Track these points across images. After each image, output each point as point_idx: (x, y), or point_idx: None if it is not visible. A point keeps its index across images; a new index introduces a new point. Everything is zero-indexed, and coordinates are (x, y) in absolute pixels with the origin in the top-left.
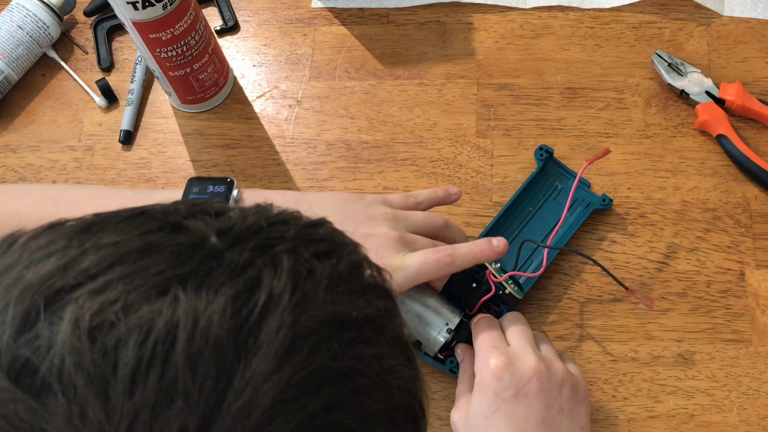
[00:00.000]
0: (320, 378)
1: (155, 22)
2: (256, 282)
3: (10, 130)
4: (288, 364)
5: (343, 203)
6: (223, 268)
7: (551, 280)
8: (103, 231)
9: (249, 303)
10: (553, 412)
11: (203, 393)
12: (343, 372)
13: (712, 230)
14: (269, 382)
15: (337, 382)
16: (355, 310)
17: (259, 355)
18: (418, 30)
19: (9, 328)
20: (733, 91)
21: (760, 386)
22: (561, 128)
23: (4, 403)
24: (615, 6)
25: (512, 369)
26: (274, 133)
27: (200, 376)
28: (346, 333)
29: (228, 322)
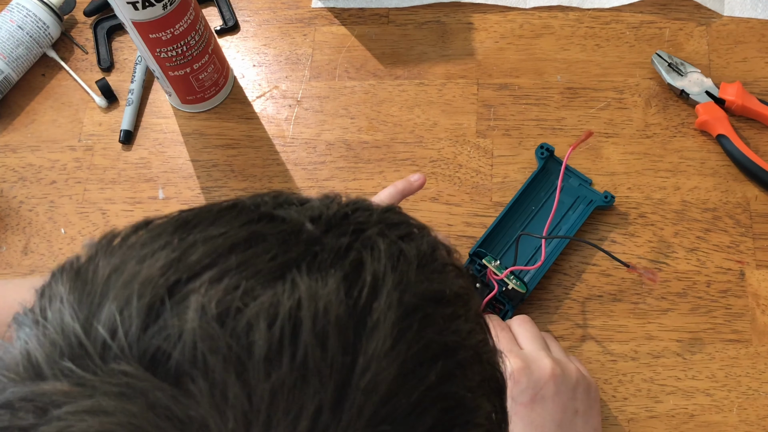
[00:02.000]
0: (432, 351)
1: (155, 22)
2: (360, 264)
3: (10, 130)
4: (403, 339)
5: None
6: (326, 253)
7: (551, 280)
8: (202, 224)
9: (358, 284)
10: (569, 414)
11: (333, 370)
12: (449, 345)
13: (712, 230)
14: (390, 357)
15: (446, 355)
16: (447, 287)
17: (377, 332)
18: (418, 30)
19: (136, 320)
20: (733, 91)
21: (760, 386)
22: (561, 128)
23: (145, 393)
24: (615, 6)
25: (528, 372)
26: (274, 133)
27: (329, 353)
28: (444, 309)
29: (344, 302)
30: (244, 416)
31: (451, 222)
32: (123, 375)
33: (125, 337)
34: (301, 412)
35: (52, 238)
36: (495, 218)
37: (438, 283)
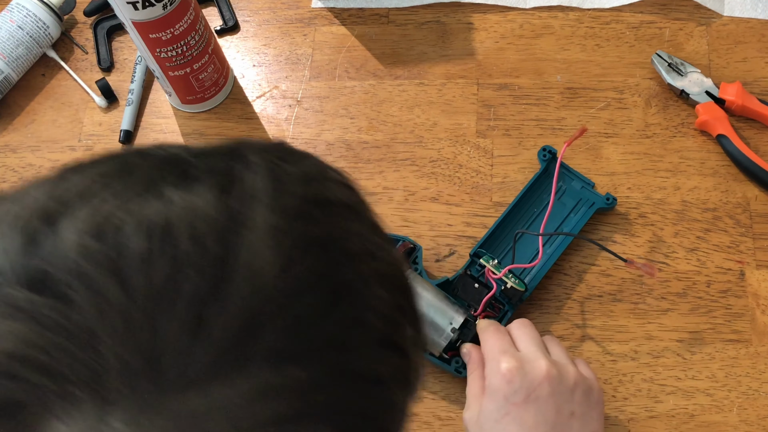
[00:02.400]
0: (316, 242)
1: (155, 22)
2: (235, 177)
3: (10, 130)
4: (282, 235)
5: None
6: (201, 170)
7: (551, 280)
8: (79, 169)
9: (233, 191)
10: (564, 417)
11: (212, 263)
12: (334, 237)
13: (712, 230)
14: (270, 249)
15: (329, 246)
16: (331, 194)
17: (256, 229)
18: (418, 30)
19: (13, 246)
20: (733, 91)
21: (760, 386)
22: (561, 128)
23: (31, 311)
24: (615, 6)
25: (523, 373)
26: (274, 133)
27: (206, 249)
28: (327, 209)
29: (220, 206)
30: (125, 314)
31: (451, 222)
32: (7, 299)
33: (8, 265)
34: (181, 303)
35: None
36: (496, 219)
37: (322, 191)
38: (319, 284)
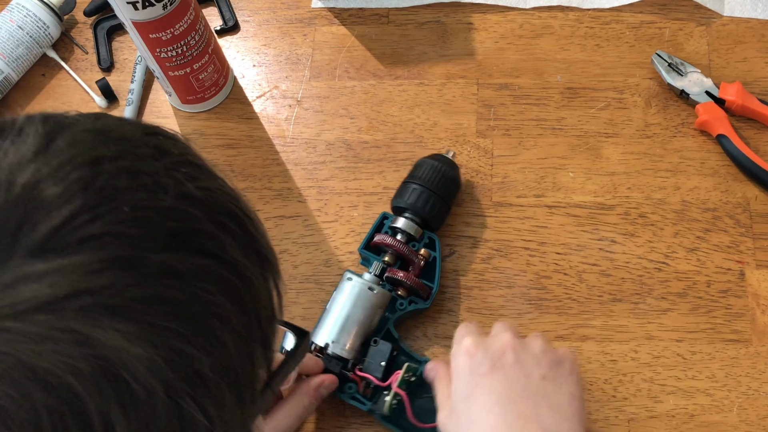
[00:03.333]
0: (85, 157)
1: (155, 22)
2: (12, 122)
3: None
4: (43, 154)
5: None
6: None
7: (551, 280)
8: None
9: (3, 132)
10: (535, 379)
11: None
12: (112, 156)
13: (712, 230)
14: (28, 164)
15: (102, 161)
16: (122, 132)
17: (15, 152)
18: (418, 30)
19: None
20: (733, 91)
21: (760, 386)
22: (561, 128)
23: None
24: (615, 6)
25: (484, 346)
26: (274, 133)
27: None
28: (112, 143)
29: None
30: None
31: (451, 222)
32: None
33: None
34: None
35: None
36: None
37: (108, 124)
38: (82, 191)
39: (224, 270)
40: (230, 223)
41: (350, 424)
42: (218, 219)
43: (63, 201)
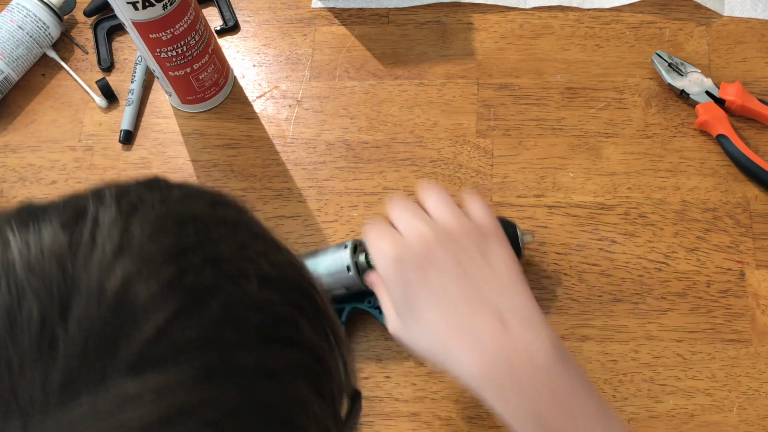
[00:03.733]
0: (163, 252)
1: (155, 22)
2: (85, 212)
3: (10, 130)
4: (127, 253)
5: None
6: (52, 212)
7: (551, 280)
8: None
9: (78, 224)
10: (468, 266)
11: (51, 288)
12: (188, 246)
13: (712, 230)
14: (110, 268)
15: (182, 255)
16: (192, 211)
17: (97, 250)
18: (418, 30)
19: None
20: (733, 91)
21: (760, 386)
22: (561, 128)
23: None
24: (615, 6)
25: (404, 248)
26: (274, 133)
27: (45, 276)
28: (185, 225)
29: (60, 237)
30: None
31: None
32: None
33: None
34: (25, 332)
35: None
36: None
37: (180, 209)
38: (173, 293)
39: (304, 356)
40: (302, 301)
41: None
42: (292, 299)
43: (155, 307)
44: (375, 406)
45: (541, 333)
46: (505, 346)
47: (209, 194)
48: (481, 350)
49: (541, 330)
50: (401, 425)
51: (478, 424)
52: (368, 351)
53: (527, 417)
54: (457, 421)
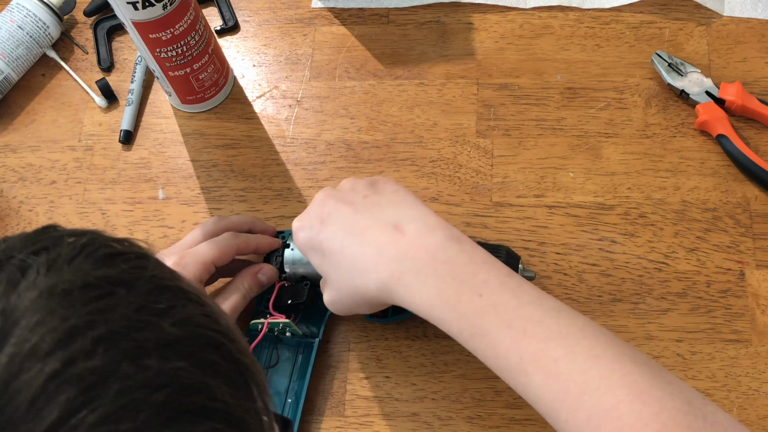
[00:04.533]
0: (62, 340)
1: (155, 22)
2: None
3: (10, 130)
4: (11, 337)
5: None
6: None
7: (551, 280)
8: None
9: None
10: (359, 202)
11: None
12: (82, 326)
13: (712, 230)
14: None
15: (75, 338)
16: (83, 277)
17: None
18: (418, 30)
19: None
20: (733, 91)
21: (760, 386)
22: (561, 128)
23: None
24: (615, 6)
25: (306, 213)
26: (274, 133)
27: None
28: (78, 300)
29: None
30: None
31: (451, 222)
32: None
33: None
34: None
35: None
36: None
37: (71, 275)
38: (61, 387)
39: (217, 423)
40: (215, 357)
41: (350, 424)
42: (202, 359)
43: (44, 404)
44: (375, 406)
45: (436, 229)
46: (404, 246)
47: (104, 247)
48: (383, 258)
49: (437, 227)
50: (401, 425)
51: (478, 424)
52: (368, 351)
53: (437, 304)
54: (457, 421)
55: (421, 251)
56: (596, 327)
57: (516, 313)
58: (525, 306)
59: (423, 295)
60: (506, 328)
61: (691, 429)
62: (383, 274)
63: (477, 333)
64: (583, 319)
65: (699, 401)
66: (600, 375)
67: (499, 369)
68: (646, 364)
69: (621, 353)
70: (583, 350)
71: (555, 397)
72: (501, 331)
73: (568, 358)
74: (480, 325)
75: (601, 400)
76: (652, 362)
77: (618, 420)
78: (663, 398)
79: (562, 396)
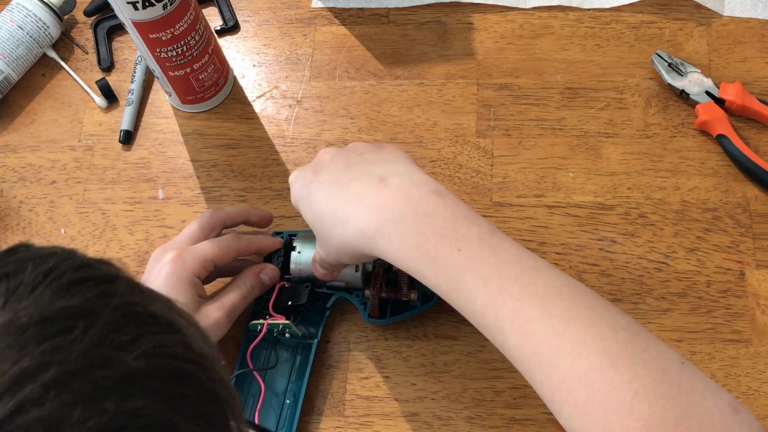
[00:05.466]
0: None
1: (155, 22)
2: None
3: (10, 130)
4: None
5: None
6: None
7: None
8: None
9: None
10: (354, 158)
11: None
12: (42, 365)
13: (712, 230)
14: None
15: (33, 376)
16: (40, 311)
17: None
18: (418, 30)
19: None
20: (733, 91)
21: (760, 386)
22: (561, 128)
23: None
24: (615, 6)
25: (302, 170)
26: (274, 133)
27: None
28: (31, 341)
29: None
30: None
31: None
32: None
33: None
34: None
35: (52, 238)
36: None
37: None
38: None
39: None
40: (183, 390)
41: (350, 424)
42: (169, 393)
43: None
44: (375, 406)
45: (420, 184)
46: (385, 197)
47: (69, 272)
48: (365, 208)
49: (420, 182)
50: (401, 425)
51: (479, 424)
52: (368, 351)
53: (415, 256)
54: (457, 421)
55: (402, 202)
56: (576, 287)
57: (494, 270)
58: (503, 264)
59: (402, 246)
60: (483, 284)
61: (665, 398)
62: (362, 222)
63: (454, 287)
64: (563, 279)
65: (675, 367)
66: (574, 339)
67: (478, 325)
68: (624, 329)
69: (598, 316)
70: (559, 312)
71: (530, 357)
72: (478, 288)
73: (542, 320)
74: (457, 279)
75: (574, 365)
76: (631, 326)
77: (590, 386)
78: (637, 366)
79: (536, 357)
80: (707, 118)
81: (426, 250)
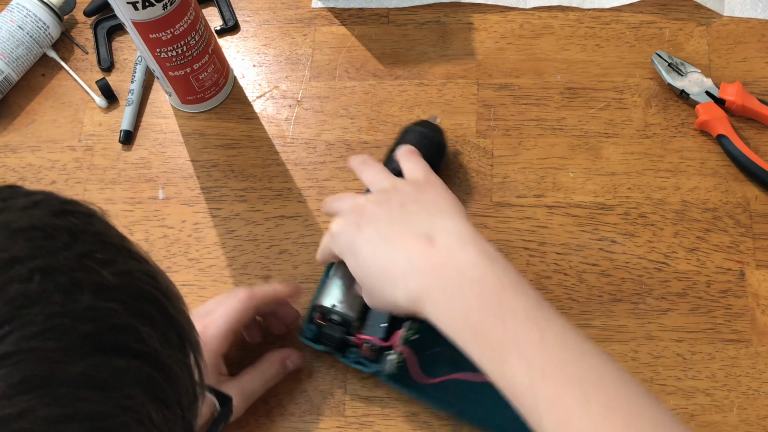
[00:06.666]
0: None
1: (155, 22)
2: None
3: (10, 130)
4: None
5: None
6: None
7: (551, 280)
8: None
9: None
10: (395, 210)
11: None
12: (30, 256)
13: (712, 230)
14: None
15: (22, 261)
16: (32, 221)
17: None
18: (418, 30)
19: None
20: (733, 91)
21: (760, 386)
22: (561, 128)
23: None
24: (615, 6)
25: (343, 219)
26: (274, 133)
27: None
28: (23, 237)
29: None
30: None
31: None
32: None
33: None
34: None
35: None
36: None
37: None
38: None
39: (144, 365)
40: (149, 309)
41: (350, 424)
42: (136, 307)
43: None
44: (375, 406)
45: (468, 244)
46: (433, 260)
47: (57, 202)
48: (413, 270)
49: (468, 241)
50: (401, 425)
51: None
52: None
53: (461, 325)
54: (456, 421)
55: (451, 267)
56: (617, 372)
57: (538, 349)
58: (548, 344)
59: (449, 314)
60: (526, 366)
61: None
62: (412, 286)
63: (497, 364)
64: (606, 364)
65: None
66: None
67: (515, 401)
68: (665, 428)
69: (638, 406)
70: (600, 400)
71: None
72: (520, 369)
73: (582, 411)
74: (501, 357)
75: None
76: (668, 417)
77: None
78: None
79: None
80: (707, 118)
81: (471, 322)
